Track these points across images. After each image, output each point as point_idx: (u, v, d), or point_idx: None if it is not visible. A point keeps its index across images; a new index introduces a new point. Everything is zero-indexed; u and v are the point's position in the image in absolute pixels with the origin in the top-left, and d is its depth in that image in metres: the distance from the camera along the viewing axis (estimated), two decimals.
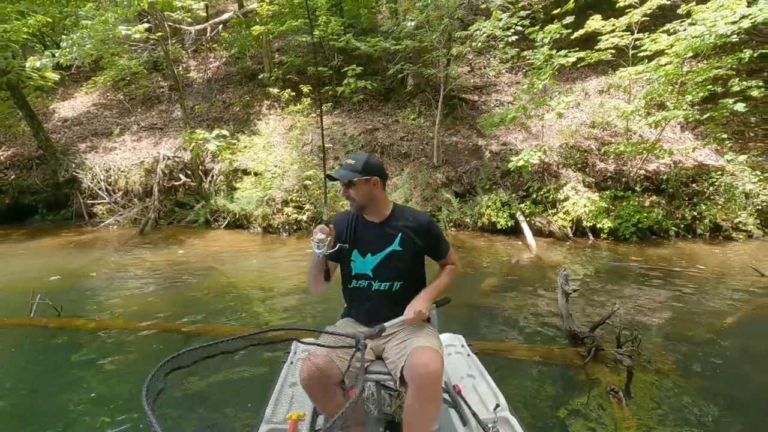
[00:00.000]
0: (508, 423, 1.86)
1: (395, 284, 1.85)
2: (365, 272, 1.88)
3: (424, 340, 1.65)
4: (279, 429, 1.88)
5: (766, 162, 7.21)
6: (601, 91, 9.23)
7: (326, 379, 1.61)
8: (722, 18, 5.78)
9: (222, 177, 9.24)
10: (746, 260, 6.05)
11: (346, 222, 1.95)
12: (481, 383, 2.10)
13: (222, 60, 13.14)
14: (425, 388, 1.51)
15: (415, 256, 1.87)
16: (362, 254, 1.88)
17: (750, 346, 3.63)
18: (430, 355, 1.55)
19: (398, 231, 1.85)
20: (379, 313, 1.83)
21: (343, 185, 1.85)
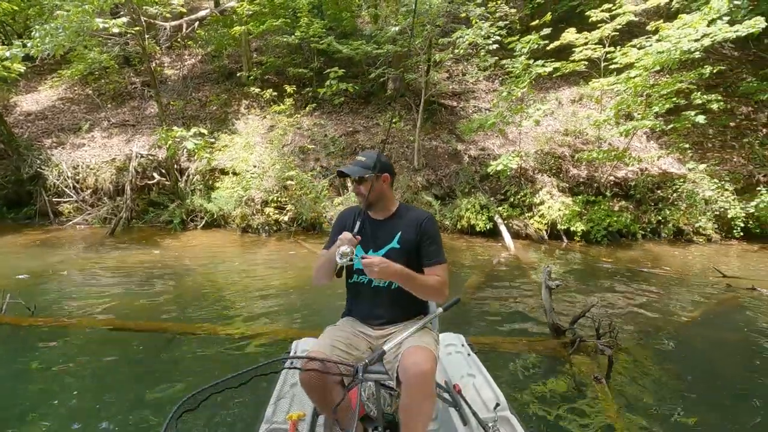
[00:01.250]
0: (508, 422, 1.86)
1: (393, 282, 1.83)
2: None
3: (417, 340, 1.66)
4: (279, 429, 1.86)
5: (723, 171, 7.74)
6: (573, 101, 9.65)
7: (325, 379, 1.62)
8: (686, 36, 6.20)
9: (198, 176, 9.04)
10: (706, 262, 6.48)
11: (352, 217, 1.96)
12: (481, 382, 2.11)
13: (198, 57, 12.89)
14: (417, 387, 1.52)
15: (414, 255, 1.85)
16: (365, 250, 1.88)
17: (714, 336, 3.91)
18: (421, 355, 1.56)
19: (399, 229, 1.86)
20: (379, 309, 1.85)
21: (354, 181, 1.88)
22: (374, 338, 1.85)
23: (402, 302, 1.84)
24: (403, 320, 1.87)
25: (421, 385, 1.52)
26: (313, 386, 1.63)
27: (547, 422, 2.53)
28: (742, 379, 3.17)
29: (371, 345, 1.83)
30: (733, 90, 9.15)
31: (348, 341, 1.77)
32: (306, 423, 1.86)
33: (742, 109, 8.99)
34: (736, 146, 8.38)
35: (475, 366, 2.24)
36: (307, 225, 8.11)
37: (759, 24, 5.93)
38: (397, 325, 1.85)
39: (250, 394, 2.74)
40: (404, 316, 1.88)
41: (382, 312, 1.85)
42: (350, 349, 1.74)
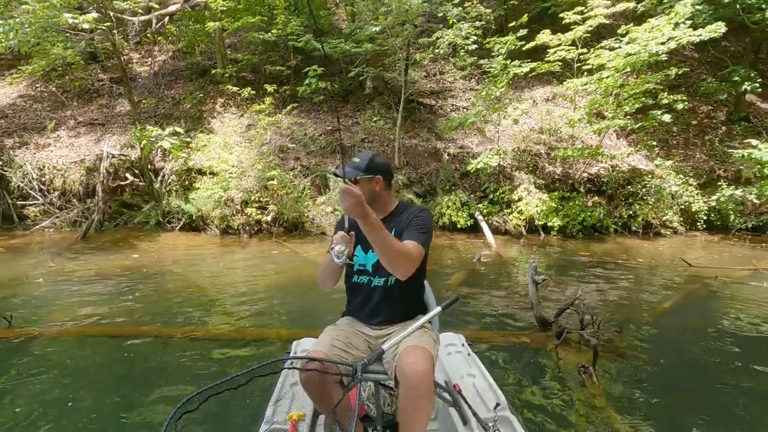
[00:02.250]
0: (508, 422, 1.86)
1: (390, 278, 1.84)
2: (366, 268, 1.90)
3: (415, 339, 1.67)
4: (279, 429, 1.85)
5: (687, 167, 8.18)
6: (547, 100, 9.95)
7: (325, 379, 1.62)
8: (653, 39, 6.52)
9: (174, 177, 8.81)
10: (674, 253, 6.85)
11: (352, 219, 1.95)
12: (482, 382, 2.11)
13: (168, 54, 12.51)
14: (413, 388, 1.53)
15: None
16: (365, 250, 1.90)
17: (685, 323, 4.16)
18: (418, 354, 1.56)
19: (393, 226, 1.86)
20: (378, 308, 1.86)
21: (350, 182, 1.85)
22: (373, 338, 1.86)
23: (401, 302, 1.86)
24: (402, 320, 1.88)
25: (418, 385, 1.52)
26: (313, 386, 1.64)
27: (538, 412, 2.64)
28: (710, 362, 3.40)
29: (370, 345, 1.84)
30: (695, 90, 9.67)
31: (347, 341, 1.78)
32: (306, 423, 1.86)
33: (703, 108, 9.52)
34: (698, 143, 8.88)
35: (475, 366, 2.25)
36: (289, 225, 8.05)
37: (720, 29, 6.29)
38: (396, 325, 1.86)
39: (250, 394, 2.74)
40: (403, 316, 1.89)
41: (381, 312, 1.86)
42: (349, 349, 1.75)
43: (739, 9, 8.22)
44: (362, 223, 1.51)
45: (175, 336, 3.67)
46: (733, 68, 8.88)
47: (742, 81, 8.48)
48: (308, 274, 5.70)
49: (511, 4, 10.54)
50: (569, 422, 2.54)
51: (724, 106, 9.52)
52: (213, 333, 3.79)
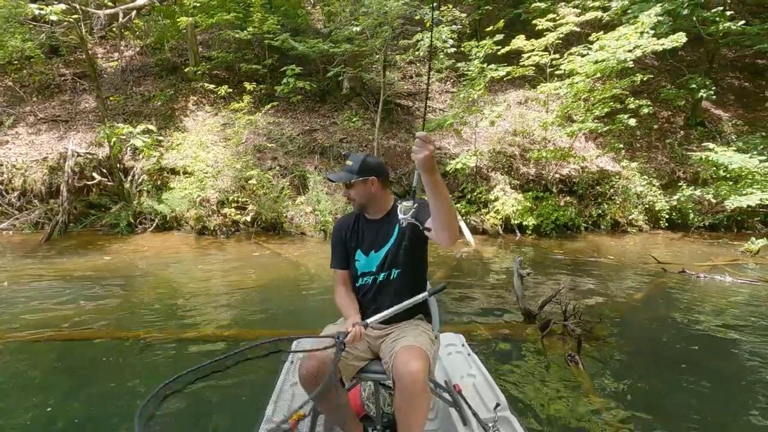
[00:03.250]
0: (508, 422, 1.86)
1: (393, 272, 1.86)
2: (370, 270, 1.90)
3: (410, 339, 1.67)
4: (280, 429, 1.87)
5: (651, 168, 8.66)
6: (520, 103, 10.27)
7: (322, 379, 1.60)
8: (621, 47, 6.88)
9: (146, 176, 8.51)
10: (639, 250, 7.24)
11: (350, 223, 1.98)
12: (482, 382, 2.11)
13: (136, 49, 12.06)
14: (407, 387, 1.53)
15: (412, 243, 1.80)
16: (365, 253, 1.91)
17: (655, 313, 4.41)
18: (412, 354, 1.56)
19: (396, 222, 1.81)
20: (379, 306, 1.85)
21: (345, 186, 1.90)
22: (373, 338, 1.85)
23: (402, 291, 1.85)
24: (402, 319, 1.86)
25: (412, 384, 1.52)
26: (311, 383, 1.63)
27: (529, 401, 2.73)
28: (678, 348, 3.64)
29: (370, 344, 1.84)
30: (656, 96, 10.23)
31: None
32: (306, 422, 1.87)
33: (664, 113, 10.10)
34: (660, 146, 9.41)
35: (475, 366, 2.26)
36: (267, 225, 7.94)
37: (681, 39, 6.72)
38: (397, 324, 1.85)
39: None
40: (405, 316, 1.86)
41: (384, 305, 1.83)
42: (350, 348, 1.74)
43: (696, 21, 8.78)
44: (430, 178, 1.43)
45: (149, 338, 3.56)
46: (690, 76, 9.47)
47: (699, 89, 9.06)
48: (291, 276, 5.67)
49: (485, 9, 10.82)
50: (560, 410, 2.66)
51: (682, 111, 10.13)
52: (200, 335, 3.70)
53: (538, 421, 2.49)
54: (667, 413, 2.64)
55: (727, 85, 11.16)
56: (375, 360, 1.82)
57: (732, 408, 2.73)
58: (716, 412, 2.66)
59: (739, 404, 2.77)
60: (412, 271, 1.89)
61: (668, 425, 2.52)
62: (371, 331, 1.85)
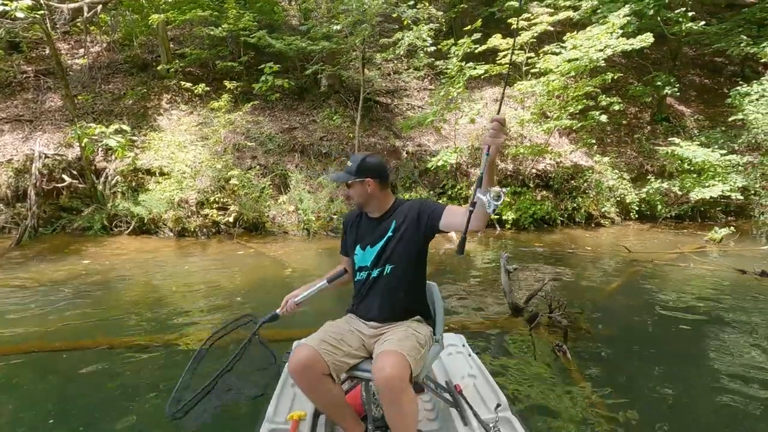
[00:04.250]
0: (509, 423, 1.86)
1: (386, 267, 1.87)
2: (365, 264, 1.94)
3: (393, 343, 1.66)
4: (280, 429, 1.87)
5: (621, 162, 9.04)
6: (495, 100, 10.47)
7: (310, 371, 1.66)
8: (592, 46, 7.14)
9: (120, 177, 8.25)
10: (613, 241, 7.57)
11: (354, 219, 2.07)
12: (482, 383, 2.11)
13: (103, 45, 11.61)
14: (385, 393, 1.55)
15: (408, 240, 1.86)
16: (363, 248, 1.95)
17: (631, 301, 4.67)
18: (388, 360, 1.56)
19: (393, 219, 1.91)
20: (373, 302, 1.90)
21: (346, 185, 1.97)
22: (368, 336, 1.87)
23: (394, 298, 1.88)
24: (398, 319, 1.88)
25: (389, 390, 1.53)
26: (300, 377, 1.67)
27: (522, 392, 2.86)
28: (654, 333, 3.90)
29: (364, 342, 1.85)
30: (624, 93, 10.65)
31: (340, 337, 1.80)
32: (307, 423, 1.88)
33: (631, 109, 10.53)
34: (629, 141, 9.83)
35: (476, 366, 2.26)
36: (249, 225, 7.87)
37: (648, 39, 7.04)
38: (391, 323, 1.87)
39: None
40: (396, 315, 1.89)
41: (375, 306, 1.90)
42: (340, 345, 1.77)
43: (660, 21, 9.19)
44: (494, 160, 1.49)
45: (137, 344, 3.51)
46: (656, 74, 9.92)
47: (664, 86, 9.50)
48: (277, 275, 5.65)
49: (460, 7, 10.96)
50: (551, 399, 2.79)
51: (648, 107, 10.61)
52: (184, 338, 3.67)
53: (531, 411, 2.59)
54: (643, 395, 2.83)
55: (689, 82, 11.74)
56: (368, 359, 1.83)
57: (698, 388, 2.94)
58: (685, 392, 2.87)
59: (704, 382, 2.99)
60: (406, 267, 1.89)
61: (644, 406, 2.69)
62: (365, 329, 1.90)
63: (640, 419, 2.54)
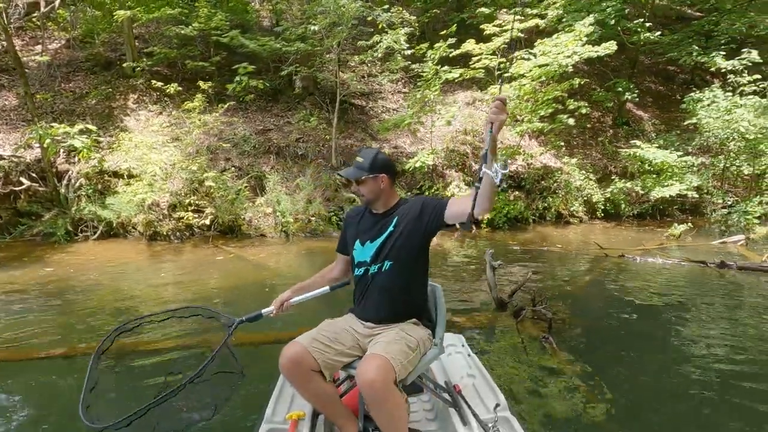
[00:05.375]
0: (508, 423, 1.86)
1: (385, 263, 1.85)
2: (364, 259, 1.92)
3: (381, 346, 1.66)
4: (279, 429, 1.86)
5: (587, 164, 9.48)
6: (468, 103, 10.75)
7: (299, 367, 1.67)
8: (560, 53, 7.49)
9: (84, 180, 7.86)
10: (581, 238, 7.94)
11: (357, 215, 2.05)
12: (481, 383, 2.12)
13: (61, 42, 11.05)
14: (368, 396, 1.56)
15: (409, 236, 1.85)
16: (362, 243, 1.93)
17: (603, 293, 4.95)
18: (371, 364, 1.56)
19: (395, 215, 1.90)
20: (371, 300, 1.88)
21: (355, 182, 1.92)
22: (362, 336, 1.85)
23: (392, 297, 1.85)
24: (394, 320, 1.86)
25: (371, 394, 1.55)
26: (289, 374, 1.68)
27: (514, 383, 2.97)
28: (626, 321, 4.16)
29: (359, 342, 1.84)
30: (587, 98, 11.17)
31: (334, 336, 1.80)
32: (306, 422, 1.87)
33: (595, 113, 11.07)
34: (594, 144, 10.33)
35: (475, 366, 2.27)
36: (225, 228, 7.69)
37: (612, 47, 7.45)
38: (388, 324, 1.85)
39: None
40: (393, 316, 1.87)
41: (372, 308, 1.88)
42: (333, 344, 1.76)
43: (620, 31, 9.74)
44: (496, 138, 1.52)
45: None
46: (617, 80, 10.49)
47: (624, 92, 10.06)
48: (256, 278, 5.56)
49: (433, 13, 11.19)
50: (542, 388, 2.92)
51: (610, 112, 11.18)
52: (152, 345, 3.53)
53: (524, 402, 2.70)
54: (624, 380, 3.03)
55: (646, 88, 12.48)
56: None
57: (663, 367, 3.21)
58: (652, 374, 3.12)
59: (668, 363, 3.28)
60: (405, 265, 1.87)
61: (626, 391, 2.89)
62: (361, 329, 1.87)
63: (626, 404, 2.72)
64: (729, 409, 2.66)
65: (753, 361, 3.26)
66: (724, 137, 8.45)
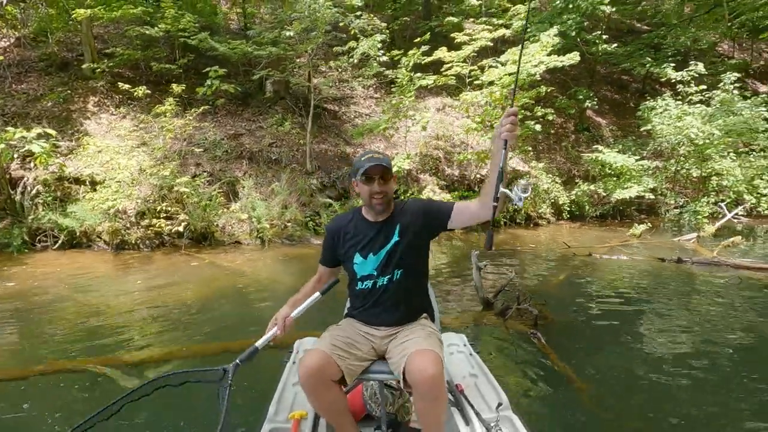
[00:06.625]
0: (510, 422, 1.85)
1: (396, 273, 1.81)
2: (370, 273, 1.83)
3: (423, 342, 1.65)
4: (281, 428, 1.85)
5: (553, 168, 9.92)
6: (438, 109, 11.00)
7: (321, 376, 1.62)
8: (528, 62, 7.83)
9: (41, 187, 7.40)
10: (550, 239, 8.30)
11: (346, 223, 1.90)
12: (484, 382, 2.11)
13: (11, 40, 10.37)
14: (428, 392, 1.54)
15: (415, 243, 1.82)
16: (364, 256, 1.83)
17: (577, 289, 5.21)
18: (428, 359, 1.54)
19: (397, 221, 1.82)
20: (382, 308, 1.84)
21: (381, 179, 1.74)
22: (378, 338, 1.83)
23: (406, 300, 1.84)
24: (407, 320, 1.85)
25: (431, 390, 1.53)
26: (310, 384, 1.62)
27: (507, 376, 3.09)
28: (600, 313, 4.41)
29: (374, 345, 1.81)
30: (550, 105, 11.72)
31: (349, 341, 1.76)
32: (308, 422, 1.87)
33: (558, 120, 11.61)
34: (558, 149, 10.83)
35: (478, 366, 2.26)
36: (197, 236, 7.45)
37: (575, 57, 7.88)
38: (401, 325, 1.84)
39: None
40: (409, 317, 1.86)
41: (385, 311, 1.83)
42: (351, 349, 1.73)
43: (580, 42, 10.30)
44: (505, 147, 1.50)
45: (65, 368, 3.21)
46: (577, 89, 11.06)
47: (584, 99, 10.63)
48: (234, 286, 5.44)
49: (402, 20, 11.39)
50: (535, 379, 3.06)
51: (572, 118, 11.76)
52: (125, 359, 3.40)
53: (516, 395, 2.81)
54: (607, 369, 3.24)
55: (603, 96, 13.21)
56: (379, 360, 1.81)
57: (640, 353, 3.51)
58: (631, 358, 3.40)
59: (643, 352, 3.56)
60: (415, 271, 1.86)
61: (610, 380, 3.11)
62: (376, 332, 1.84)
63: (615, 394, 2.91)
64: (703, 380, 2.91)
65: (708, 341, 3.68)
66: (675, 142, 9.11)
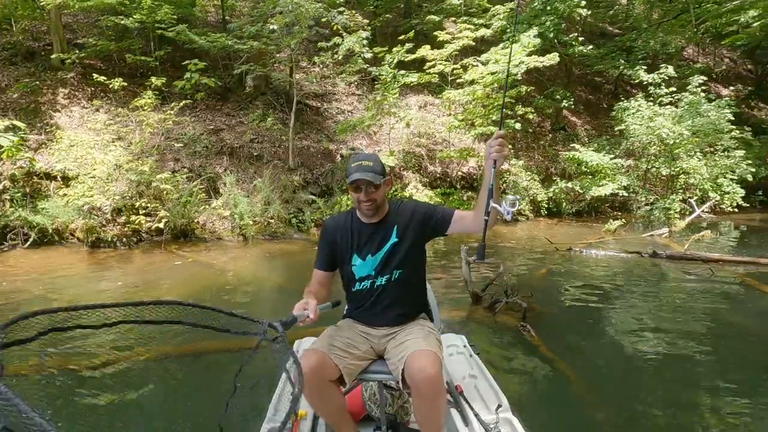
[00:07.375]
0: (510, 424, 1.85)
1: (394, 273, 1.81)
2: (368, 273, 1.84)
3: (422, 343, 1.65)
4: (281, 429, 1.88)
5: (532, 166, 10.17)
6: (420, 107, 11.07)
7: (320, 376, 1.61)
8: (509, 62, 7.98)
9: (8, 182, 7.05)
10: (529, 235, 8.52)
11: (342, 224, 1.89)
12: (483, 383, 2.11)
13: None
14: (427, 393, 1.54)
15: (413, 244, 1.83)
16: (362, 257, 1.83)
17: (559, 282, 5.40)
18: (427, 359, 1.54)
19: (395, 222, 1.83)
20: (381, 308, 1.84)
21: (371, 187, 1.73)
22: (377, 338, 1.83)
23: (404, 300, 1.85)
24: (406, 320, 1.86)
25: (429, 390, 1.54)
26: (310, 382, 1.57)
27: (502, 370, 3.17)
28: (582, 305, 4.60)
29: (373, 345, 1.82)
30: (528, 104, 11.98)
31: (348, 341, 1.76)
32: (308, 422, 1.87)
33: (535, 119, 11.88)
34: (536, 147, 11.10)
35: (477, 367, 2.26)
36: (177, 232, 7.27)
37: (555, 59, 8.09)
38: (400, 325, 1.84)
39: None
40: (407, 315, 1.87)
41: (384, 311, 1.84)
42: (350, 349, 1.73)
43: (557, 44, 10.58)
44: (494, 166, 1.60)
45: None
46: (554, 89, 11.35)
47: (561, 99, 10.92)
48: (217, 283, 5.35)
49: (384, 17, 11.40)
50: (528, 373, 3.15)
51: (549, 118, 12.07)
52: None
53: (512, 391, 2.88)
54: (594, 357, 3.39)
55: (578, 97, 13.60)
56: (378, 360, 1.80)
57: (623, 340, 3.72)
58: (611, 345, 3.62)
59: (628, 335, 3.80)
60: (413, 272, 1.87)
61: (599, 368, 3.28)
62: (375, 332, 1.84)
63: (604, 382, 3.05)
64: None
65: (681, 330, 3.91)
66: (647, 142, 9.49)
